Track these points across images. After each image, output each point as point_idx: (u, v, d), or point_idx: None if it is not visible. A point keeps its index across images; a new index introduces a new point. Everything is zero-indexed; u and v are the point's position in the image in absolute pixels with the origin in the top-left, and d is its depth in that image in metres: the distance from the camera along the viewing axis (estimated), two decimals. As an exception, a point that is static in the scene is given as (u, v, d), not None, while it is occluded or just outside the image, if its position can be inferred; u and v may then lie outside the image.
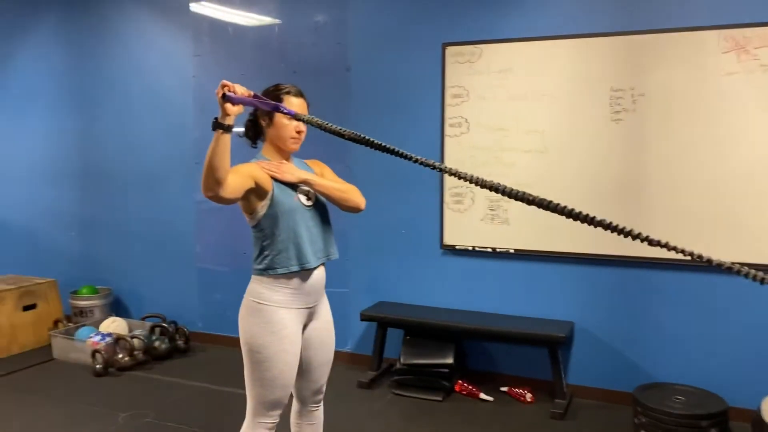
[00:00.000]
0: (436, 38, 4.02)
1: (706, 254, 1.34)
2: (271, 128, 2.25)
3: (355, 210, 2.38)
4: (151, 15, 4.88)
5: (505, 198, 3.87)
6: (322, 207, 2.33)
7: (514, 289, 3.97)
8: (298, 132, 2.24)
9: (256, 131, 2.32)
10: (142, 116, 4.99)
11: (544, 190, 3.77)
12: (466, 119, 3.96)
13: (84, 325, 4.68)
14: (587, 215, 1.41)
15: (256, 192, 2.14)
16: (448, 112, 4.00)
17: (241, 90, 1.95)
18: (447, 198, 4.04)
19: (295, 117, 1.93)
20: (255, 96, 2.00)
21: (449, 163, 4.00)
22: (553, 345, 3.66)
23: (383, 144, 1.73)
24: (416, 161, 1.70)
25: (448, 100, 3.99)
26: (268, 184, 2.16)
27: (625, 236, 1.40)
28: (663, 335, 3.65)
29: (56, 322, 4.91)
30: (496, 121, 3.88)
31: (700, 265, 3.47)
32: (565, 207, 1.44)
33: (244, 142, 2.37)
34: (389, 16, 4.16)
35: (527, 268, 3.92)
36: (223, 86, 1.93)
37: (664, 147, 3.53)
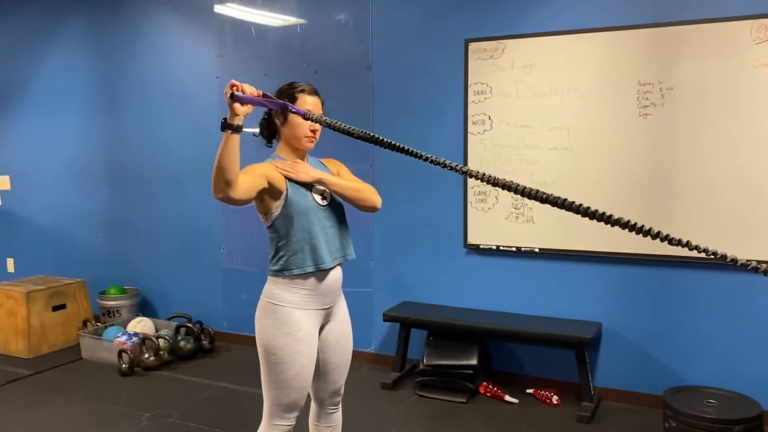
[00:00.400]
0: (458, 34, 3.96)
1: (731, 254, 1.27)
2: (285, 127, 2.23)
3: (371, 209, 2.34)
4: (175, 17, 4.92)
5: (530, 196, 3.81)
6: (338, 207, 2.29)
7: (540, 289, 3.89)
8: (313, 131, 2.22)
9: (270, 130, 2.30)
10: (167, 117, 5.03)
11: (569, 188, 3.70)
12: (489, 116, 3.89)
13: (112, 325, 4.74)
14: (603, 213, 1.35)
15: (270, 192, 2.12)
16: (471, 110, 3.94)
17: (250, 90, 1.93)
18: (471, 197, 3.98)
19: (305, 116, 1.90)
20: (264, 95, 1.97)
21: (472, 161, 3.94)
22: (579, 346, 3.58)
23: (393, 142, 1.68)
24: (427, 159, 1.65)
25: (470, 97, 3.93)
26: (281, 183, 2.14)
27: (644, 235, 1.34)
28: (693, 336, 3.54)
29: (85, 322, 4.98)
30: (519, 118, 3.81)
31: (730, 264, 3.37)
32: (580, 205, 1.38)
33: (260, 141, 2.36)
34: (411, 14, 4.11)
35: (553, 268, 3.84)
36: (232, 86, 1.91)
37: (695, 143, 3.42)
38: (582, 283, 3.78)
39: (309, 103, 2.21)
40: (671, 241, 1.31)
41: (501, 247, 3.93)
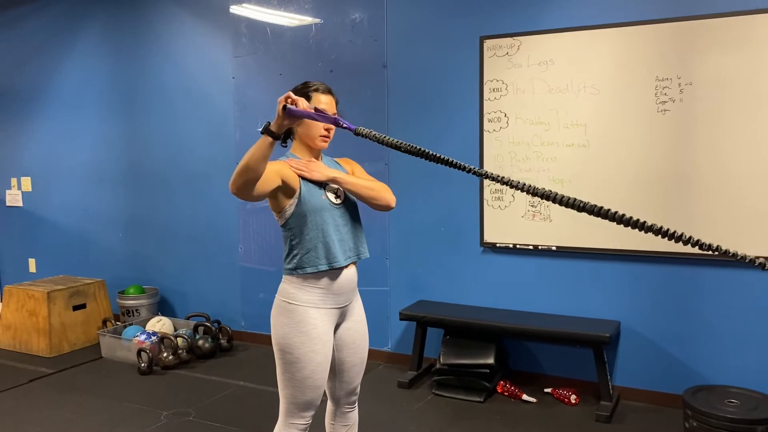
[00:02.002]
0: (473, 32, 3.94)
1: (742, 252, 1.25)
2: (300, 126, 2.23)
3: (385, 208, 2.33)
4: (192, 18, 4.95)
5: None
6: (352, 205, 2.29)
7: (557, 288, 3.86)
8: (327, 130, 2.22)
9: (286, 130, 2.30)
10: (184, 118, 5.07)
11: (586, 185, 3.66)
12: (505, 113, 3.87)
13: (131, 325, 4.78)
14: (615, 213, 1.34)
15: (284, 190, 2.13)
16: (487, 107, 3.92)
17: (303, 104, 1.92)
18: (487, 195, 3.96)
19: (355, 132, 1.88)
20: (316, 110, 1.97)
21: (488, 158, 3.91)
22: (598, 345, 3.54)
23: (440, 155, 1.73)
24: (471, 171, 1.66)
25: (486, 94, 3.91)
26: (295, 182, 2.15)
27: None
28: (714, 335, 3.49)
29: (105, 322, 5.03)
30: (536, 115, 3.78)
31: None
32: (594, 206, 1.37)
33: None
34: (426, 11, 4.10)
35: (570, 266, 3.81)
36: (287, 98, 1.89)
37: (714, 139, 3.37)
38: (600, 281, 3.74)
39: (323, 101, 2.21)
40: (702, 246, 1.29)
41: (518, 246, 3.91)
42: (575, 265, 3.80)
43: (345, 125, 1.93)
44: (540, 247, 3.84)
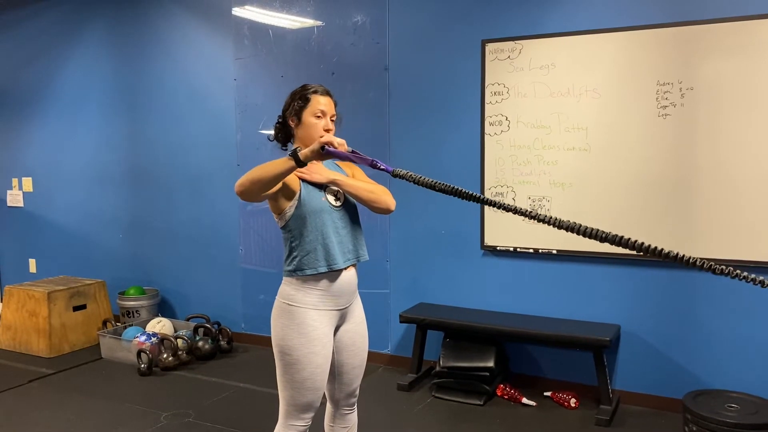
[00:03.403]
0: (475, 35, 3.95)
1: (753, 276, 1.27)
2: (300, 128, 2.24)
3: (385, 211, 2.34)
4: (194, 20, 4.96)
5: (547, 197, 3.78)
6: (351, 208, 2.30)
7: (557, 291, 3.86)
8: (327, 131, 2.22)
9: (285, 133, 2.31)
10: (186, 119, 5.07)
11: (587, 189, 3.67)
12: (507, 117, 3.87)
13: (131, 326, 4.78)
14: (642, 244, 1.37)
15: (284, 192, 2.14)
16: (488, 110, 3.92)
17: (343, 148, 1.98)
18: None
19: (393, 174, 1.91)
20: (353, 152, 2.01)
21: (489, 162, 3.92)
22: (598, 349, 3.54)
23: (478, 195, 1.81)
24: (508, 210, 1.71)
25: (487, 97, 3.91)
26: (296, 184, 2.15)
27: (679, 262, 1.34)
28: (714, 339, 3.48)
29: (105, 322, 5.03)
30: (537, 119, 3.78)
31: (754, 268, 3.31)
32: (617, 236, 1.42)
33: (275, 144, 2.37)
34: (428, 15, 4.10)
35: (571, 269, 3.81)
36: (328, 142, 1.95)
37: (715, 143, 3.37)
38: (600, 285, 3.74)
39: (322, 103, 2.22)
40: (714, 271, 1.33)
41: (518, 249, 3.91)
42: (576, 269, 3.79)
43: (383, 167, 1.97)
44: (540, 251, 3.84)
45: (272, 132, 2.34)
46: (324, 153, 1.94)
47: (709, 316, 3.49)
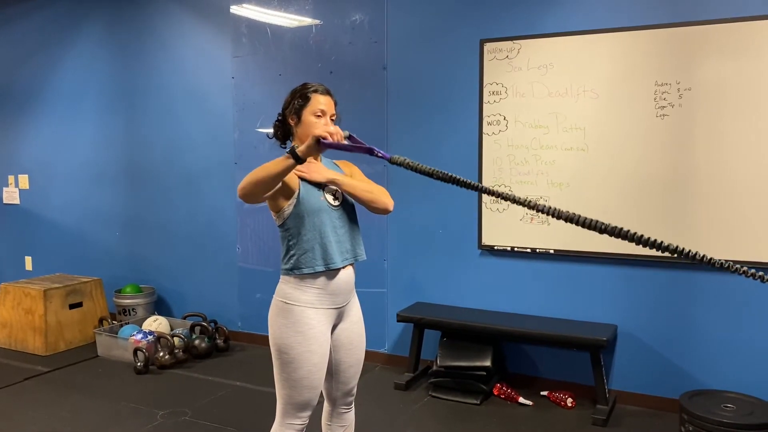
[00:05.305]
0: (473, 35, 3.95)
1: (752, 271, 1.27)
2: (299, 127, 2.24)
3: (382, 212, 2.34)
4: (192, 18, 4.95)
5: (545, 197, 3.78)
6: (349, 207, 2.30)
7: (555, 291, 3.87)
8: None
9: (285, 131, 2.31)
10: (183, 118, 5.06)
11: (585, 188, 3.67)
12: (505, 117, 3.87)
13: (127, 324, 4.77)
14: (614, 227, 1.36)
15: (283, 191, 2.13)
16: (486, 110, 3.92)
17: (338, 137, 1.95)
18: (485, 198, 3.97)
19: (390, 161, 1.89)
20: (350, 137, 2.00)
21: (487, 161, 3.92)
22: (595, 349, 3.54)
23: (475, 183, 1.77)
24: (506, 199, 1.70)
25: (485, 97, 3.91)
26: (295, 183, 2.15)
27: (678, 255, 1.34)
28: (711, 340, 3.49)
29: (101, 320, 5.02)
30: (535, 119, 3.79)
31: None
32: (615, 228, 1.40)
33: (274, 142, 2.36)
34: (426, 14, 4.10)
35: (568, 269, 3.81)
36: (322, 135, 1.93)
37: (713, 144, 3.38)
38: (597, 285, 3.75)
39: (322, 102, 2.22)
40: (714, 264, 1.33)
41: (516, 249, 3.91)
42: (573, 269, 3.80)
43: (380, 154, 1.95)
44: (538, 251, 3.85)
45: (271, 130, 2.34)
46: (320, 146, 1.93)
47: (705, 316, 3.49)
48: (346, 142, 2.00)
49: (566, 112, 3.70)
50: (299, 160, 1.95)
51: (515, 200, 1.67)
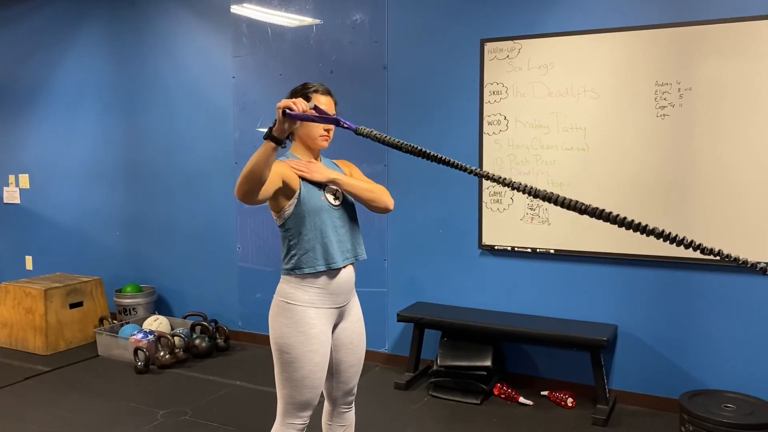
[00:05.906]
0: (474, 34, 3.95)
1: (743, 257, 1.26)
2: (300, 127, 2.23)
3: (383, 210, 2.34)
4: (192, 17, 4.95)
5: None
6: (350, 207, 2.30)
7: (555, 291, 3.86)
8: (327, 130, 2.22)
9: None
10: (184, 117, 5.06)
11: (585, 189, 3.67)
12: (505, 116, 3.87)
13: (128, 323, 4.77)
14: (616, 216, 1.35)
15: (284, 191, 2.13)
16: (487, 110, 3.92)
17: (302, 106, 1.90)
18: (485, 197, 3.97)
19: (356, 131, 1.87)
20: (316, 108, 1.96)
21: (487, 161, 3.92)
22: (595, 348, 3.55)
23: (440, 156, 1.72)
24: (470, 172, 1.67)
25: (486, 97, 3.91)
26: (295, 183, 2.15)
27: (655, 236, 1.34)
28: (712, 339, 3.49)
29: (101, 320, 5.02)
30: (535, 119, 3.79)
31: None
32: (595, 208, 1.38)
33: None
34: (427, 14, 4.10)
35: (568, 269, 3.81)
36: (285, 106, 1.87)
37: (714, 144, 3.38)
38: (598, 285, 3.75)
39: (322, 103, 2.22)
40: (703, 250, 1.33)
41: (516, 248, 3.91)
42: (573, 269, 3.80)
43: (346, 125, 1.92)
44: (538, 250, 3.85)
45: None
46: (287, 117, 1.87)
47: (706, 316, 3.49)
48: (312, 112, 1.97)
49: (567, 112, 3.70)
50: (277, 140, 1.90)
51: (489, 177, 1.66)
